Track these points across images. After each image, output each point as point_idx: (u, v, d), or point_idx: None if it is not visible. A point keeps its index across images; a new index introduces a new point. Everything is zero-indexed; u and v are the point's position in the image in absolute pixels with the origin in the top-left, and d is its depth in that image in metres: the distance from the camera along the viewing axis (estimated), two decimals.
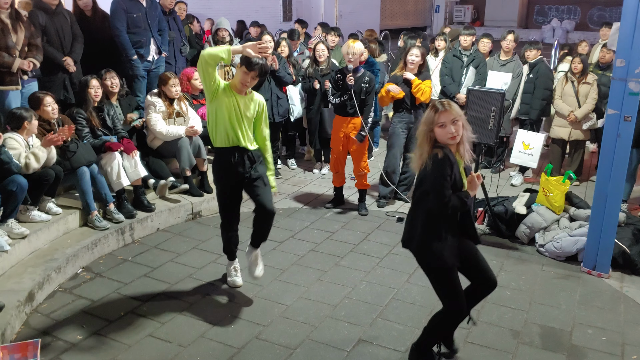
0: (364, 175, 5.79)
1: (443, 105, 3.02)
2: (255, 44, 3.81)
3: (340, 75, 5.57)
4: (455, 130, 2.99)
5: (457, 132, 3.00)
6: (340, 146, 5.74)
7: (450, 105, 3.03)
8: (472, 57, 6.87)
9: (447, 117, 2.99)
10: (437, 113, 3.01)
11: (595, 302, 4.25)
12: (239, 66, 3.87)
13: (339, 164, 5.87)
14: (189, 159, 5.59)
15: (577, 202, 5.29)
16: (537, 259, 4.93)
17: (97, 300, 4.14)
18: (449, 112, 2.99)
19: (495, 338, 3.78)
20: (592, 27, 23.97)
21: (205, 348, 3.62)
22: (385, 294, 4.27)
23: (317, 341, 3.71)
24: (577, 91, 6.47)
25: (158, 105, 5.58)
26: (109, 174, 5.06)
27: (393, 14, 22.75)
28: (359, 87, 5.52)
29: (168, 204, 5.50)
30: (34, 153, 4.47)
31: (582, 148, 6.68)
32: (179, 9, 7.45)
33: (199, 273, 4.56)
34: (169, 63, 6.74)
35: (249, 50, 3.77)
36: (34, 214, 4.65)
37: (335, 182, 6.00)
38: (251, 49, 3.77)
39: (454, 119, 3.00)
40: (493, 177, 6.63)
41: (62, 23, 5.50)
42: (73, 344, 3.63)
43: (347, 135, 5.68)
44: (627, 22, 4.17)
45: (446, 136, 3.01)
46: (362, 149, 5.71)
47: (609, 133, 4.39)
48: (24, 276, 4.13)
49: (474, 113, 4.96)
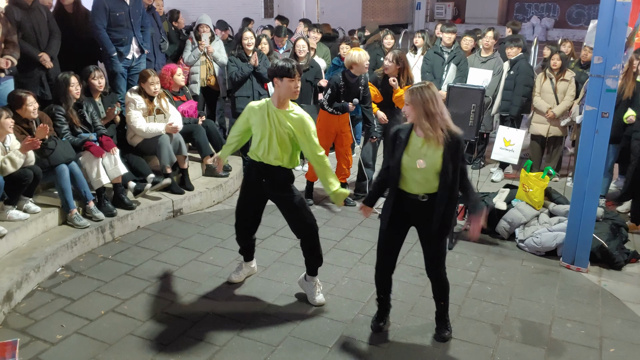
0: (347, 170, 5.90)
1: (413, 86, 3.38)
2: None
3: (344, 82, 5.53)
4: (403, 110, 3.42)
5: (406, 112, 3.37)
6: (328, 142, 5.74)
7: (414, 90, 3.31)
8: (453, 54, 6.92)
9: (406, 97, 3.37)
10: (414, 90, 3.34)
11: (574, 296, 4.32)
12: (277, 80, 3.76)
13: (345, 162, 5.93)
14: (169, 156, 5.54)
15: (557, 197, 5.36)
16: (517, 254, 4.99)
17: (77, 299, 4.08)
18: (407, 93, 3.35)
19: (476, 333, 3.82)
20: (571, 25, 24.33)
21: (186, 346, 3.59)
22: (367, 290, 4.28)
23: (299, 338, 3.71)
24: (556, 88, 6.54)
25: (138, 102, 5.52)
26: (88, 172, 4.99)
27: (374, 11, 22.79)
28: (355, 91, 5.58)
29: (149, 202, 5.45)
30: (10, 158, 4.37)
31: (561, 144, 6.77)
32: (157, 5, 7.36)
33: (180, 271, 4.53)
34: (149, 60, 6.67)
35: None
36: (11, 212, 4.57)
37: (310, 177, 5.98)
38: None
39: (407, 102, 3.34)
40: (474, 173, 6.68)
41: (38, 19, 5.41)
42: (52, 344, 3.58)
43: (338, 132, 5.73)
44: (604, 20, 4.23)
45: (405, 112, 3.41)
46: (347, 150, 5.80)
47: (587, 129, 4.46)
48: (1, 275, 4.05)
49: (454, 110, 4.98)
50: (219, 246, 4.96)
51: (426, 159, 3.31)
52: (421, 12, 25.23)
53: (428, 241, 3.54)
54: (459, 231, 5.36)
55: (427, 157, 3.32)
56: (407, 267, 4.65)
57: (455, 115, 4.96)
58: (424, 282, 4.43)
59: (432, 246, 3.53)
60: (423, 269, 4.60)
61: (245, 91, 6.57)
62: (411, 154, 3.36)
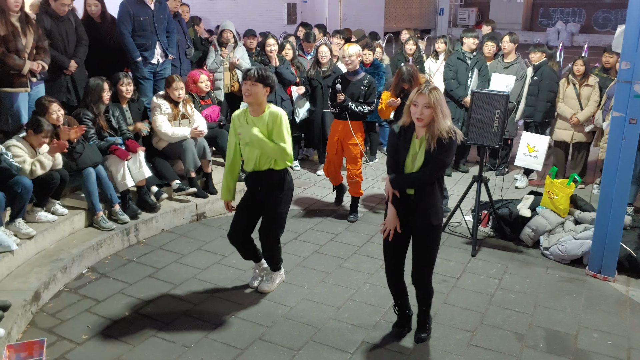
0: (357, 183, 5.65)
1: (425, 89, 3.25)
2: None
3: (341, 80, 5.50)
4: (421, 114, 3.23)
5: (423, 115, 3.23)
6: (334, 151, 5.66)
7: (431, 92, 3.22)
8: (475, 60, 6.88)
9: (422, 100, 3.23)
10: (417, 93, 3.27)
11: (601, 306, 4.24)
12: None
13: (333, 169, 5.77)
14: (193, 160, 5.61)
15: (582, 205, 5.27)
16: (542, 262, 4.93)
17: (102, 301, 4.15)
18: (425, 97, 3.23)
19: (500, 341, 3.77)
20: (597, 30, 23.96)
21: (208, 349, 3.62)
22: (389, 296, 4.23)
23: (320, 343, 3.71)
24: (579, 94, 6.45)
25: (164, 107, 5.61)
26: (114, 175, 5.09)
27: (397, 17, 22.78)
28: (357, 90, 5.49)
29: (173, 205, 5.52)
30: (39, 160, 4.49)
31: (585, 150, 6.67)
32: (183, 11, 7.47)
33: (203, 274, 4.57)
34: (174, 65, 6.77)
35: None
36: (40, 214, 4.68)
37: (333, 182, 5.97)
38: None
39: (426, 104, 3.21)
40: (497, 180, 6.62)
41: (66, 27, 5.54)
42: (78, 344, 3.65)
43: (342, 140, 5.59)
44: (633, 25, 4.16)
45: (414, 115, 3.28)
46: (354, 155, 5.59)
47: (615, 136, 4.38)
48: (30, 276, 4.15)
49: (478, 115, 4.96)
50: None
51: (418, 158, 3.34)
52: (444, 18, 25.13)
53: (417, 243, 3.50)
54: (483, 238, 5.31)
55: (419, 155, 3.34)
56: None
57: (479, 121, 4.95)
58: (446, 289, 4.40)
59: (420, 250, 3.49)
60: (446, 275, 4.62)
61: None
62: (412, 155, 3.36)
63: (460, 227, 5.51)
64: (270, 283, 4.33)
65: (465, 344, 3.72)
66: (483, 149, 5.50)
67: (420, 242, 3.50)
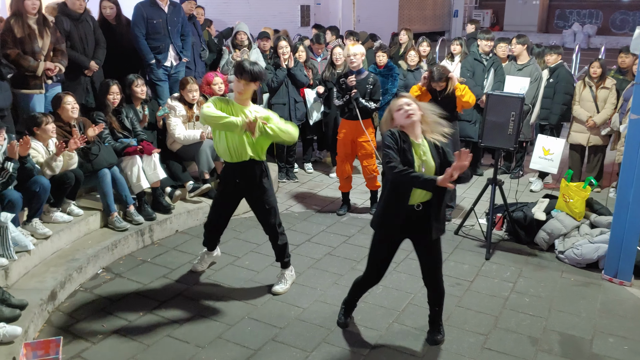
0: (374, 178, 5.79)
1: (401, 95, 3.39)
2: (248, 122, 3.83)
3: (344, 78, 5.58)
4: (409, 107, 3.24)
5: (411, 109, 3.24)
6: (347, 150, 5.74)
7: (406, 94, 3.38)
8: (491, 61, 6.85)
9: (402, 101, 3.29)
10: (396, 99, 3.34)
11: (617, 310, 4.19)
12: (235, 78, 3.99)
13: (346, 169, 5.84)
14: (207, 162, 5.64)
15: (599, 208, 5.22)
16: (557, 265, 4.88)
17: (116, 300, 4.19)
18: (404, 96, 3.33)
19: (514, 345, 3.74)
20: (615, 32, 23.67)
21: (222, 349, 3.64)
22: (402, 299, 4.26)
23: (333, 344, 3.71)
24: (596, 96, 6.38)
25: (178, 109, 5.65)
26: (129, 177, 5.13)
27: (411, 19, 22.70)
28: (363, 89, 5.54)
29: (187, 207, 5.56)
30: (47, 163, 4.53)
31: (602, 153, 6.59)
32: (197, 13, 7.51)
33: (216, 275, 4.60)
34: (189, 68, 6.81)
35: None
36: (56, 215, 4.73)
37: (342, 187, 5.99)
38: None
39: (408, 102, 3.27)
40: (512, 183, 6.57)
41: (85, 29, 5.61)
42: (93, 343, 3.68)
43: (354, 140, 5.68)
44: None
45: (403, 116, 3.24)
46: (369, 152, 5.70)
47: (632, 139, 4.33)
48: (46, 275, 4.21)
49: (493, 118, 4.93)
50: (254, 251, 5.01)
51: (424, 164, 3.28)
52: (459, 20, 24.99)
53: (428, 250, 3.49)
54: (497, 241, 5.28)
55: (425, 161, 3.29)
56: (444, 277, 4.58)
57: (494, 123, 4.92)
58: (460, 292, 4.38)
59: (432, 255, 3.50)
60: (460, 278, 4.59)
61: (281, 98, 6.65)
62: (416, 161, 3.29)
63: (474, 230, 5.48)
64: (283, 284, 4.34)
65: (479, 347, 3.70)
66: (498, 151, 5.46)
67: (432, 249, 3.49)
